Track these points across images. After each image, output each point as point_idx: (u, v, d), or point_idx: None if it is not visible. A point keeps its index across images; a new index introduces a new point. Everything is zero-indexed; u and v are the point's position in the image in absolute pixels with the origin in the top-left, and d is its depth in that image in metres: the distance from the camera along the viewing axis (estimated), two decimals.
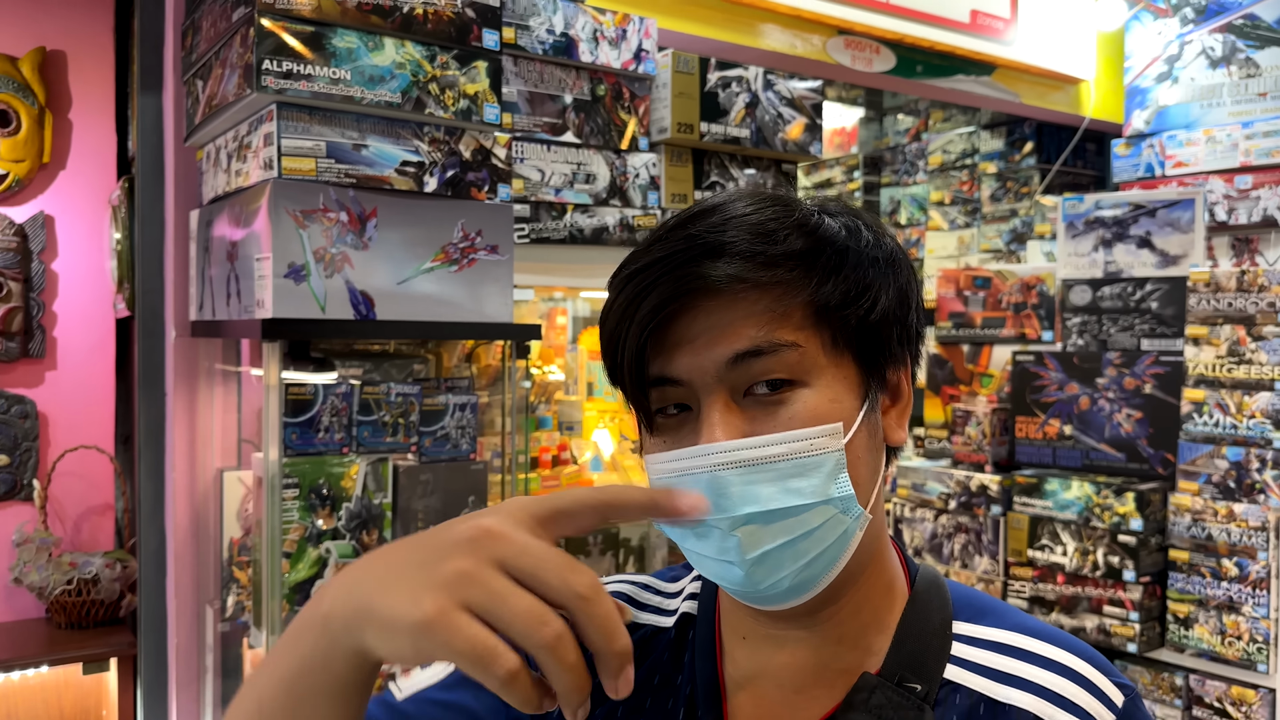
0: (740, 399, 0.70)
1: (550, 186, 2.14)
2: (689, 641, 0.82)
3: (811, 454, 0.69)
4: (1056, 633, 0.77)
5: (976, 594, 0.81)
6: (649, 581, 0.90)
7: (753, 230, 0.71)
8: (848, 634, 0.76)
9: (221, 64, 1.77)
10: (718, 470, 0.68)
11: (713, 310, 0.70)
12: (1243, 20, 3.28)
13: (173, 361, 2.12)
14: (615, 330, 0.72)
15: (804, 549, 0.69)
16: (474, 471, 1.90)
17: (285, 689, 0.58)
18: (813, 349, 0.71)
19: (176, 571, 2.12)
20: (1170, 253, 2.57)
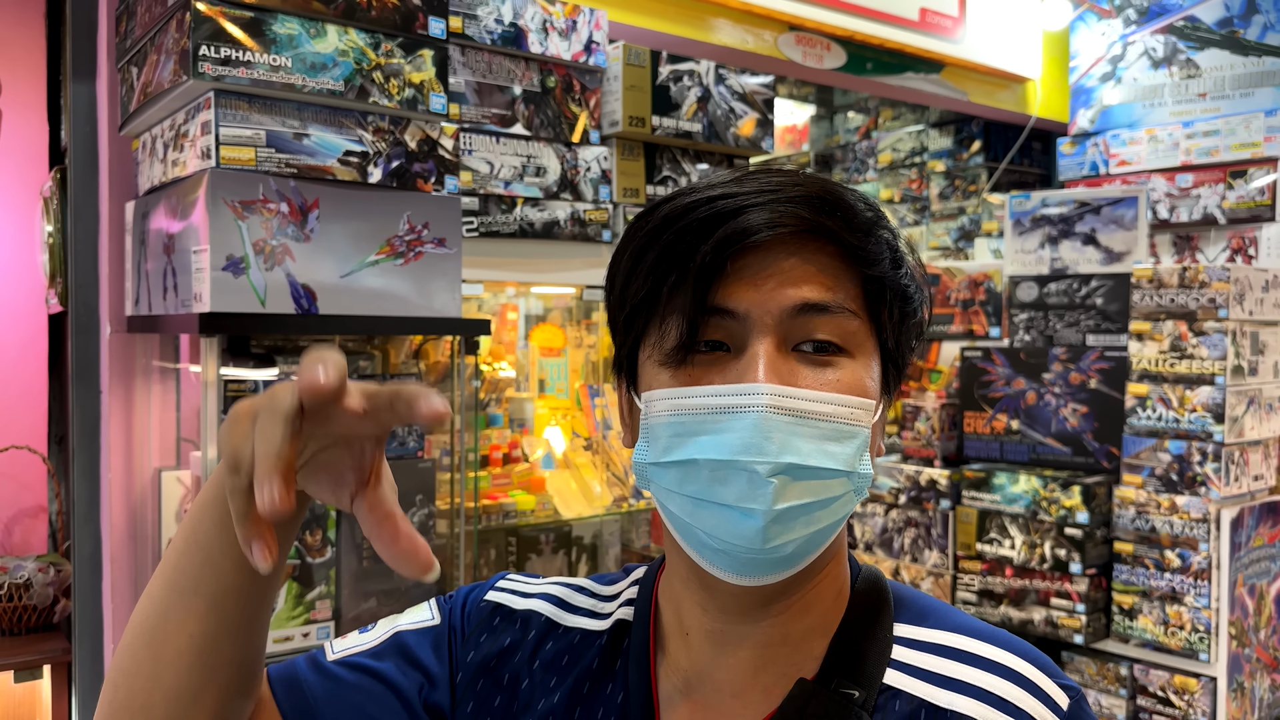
0: (787, 350, 0.70)
1: (499, 179, 2.11)
2: (623, 649, 0.80)
3: (849, 423, 0.69)
4: (998, 633, 0.75)
5: (918, 595, 0.80)
6: (584, 584, 0.87)
7: (833, 191, 0.71)
8: (793, 634, 0.74)
9: (157, 50, 1.71)
10: (768, 412, 0.66)
11: (781, 253, 0.69)
12: (1184, 22, 3.35)
13: (108, 358, 2.06)
14: (672, 252, 0.69)
15: (819, 516, 0.68)
16: (422, 470, 1.86)
17: (190, 524, 0.68)
18: (865, 324, 0.72)
19: (113, 575, 2.05)
20: (1115, 250, 2.61)
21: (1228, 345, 2.30)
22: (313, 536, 1.74)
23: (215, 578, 0.67)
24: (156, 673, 0.69)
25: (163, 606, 0.69)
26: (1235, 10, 3.23)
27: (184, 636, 0.68)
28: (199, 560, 0.67)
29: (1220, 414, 2.29)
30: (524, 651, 0.81)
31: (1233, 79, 3.24)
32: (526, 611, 0.84)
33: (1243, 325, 2.35)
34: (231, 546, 0.65)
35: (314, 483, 0.63)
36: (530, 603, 0.84)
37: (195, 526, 0.68)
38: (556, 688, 0.79)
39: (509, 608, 0.84)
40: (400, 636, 0.81)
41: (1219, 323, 2.31)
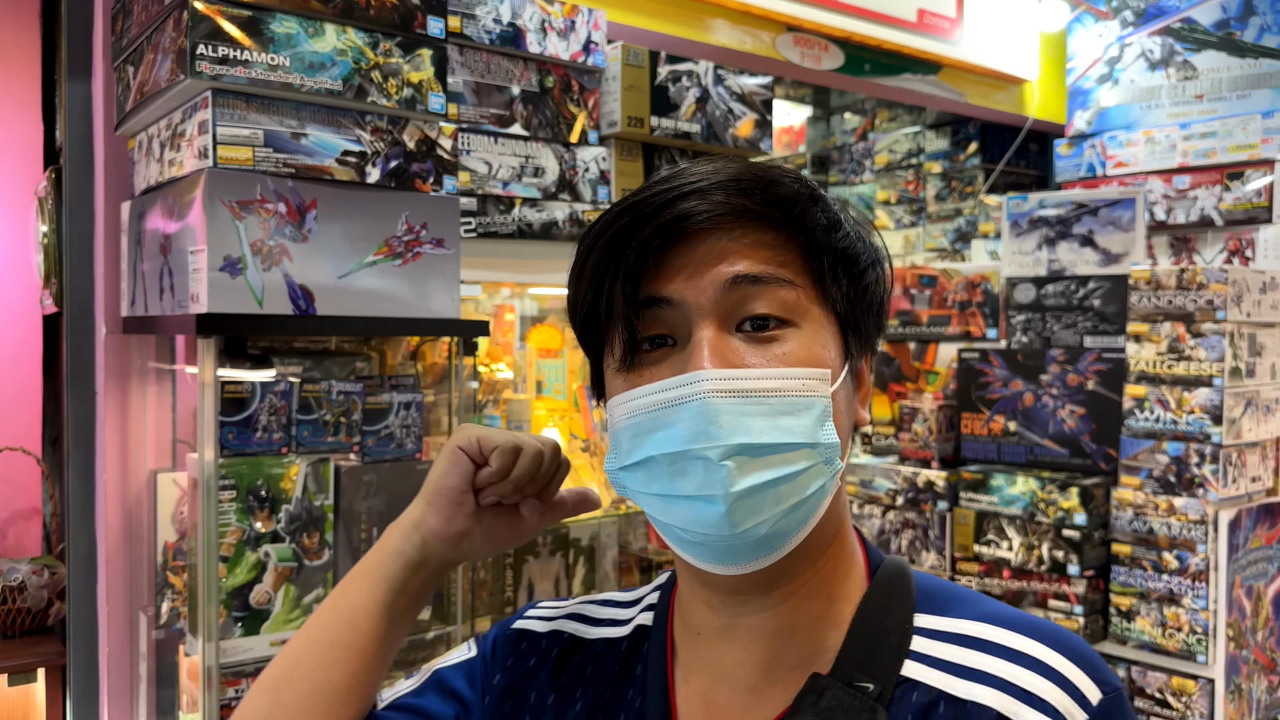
0: (731, 331, 0.70)
1: (498, 179, 2.10)
2: (642, 653, 0.80)
3: (802, 394, 0.68)
4: (1035, 623, 0.72)
5: (947, 585, 0.78)
6: (608, 597, 0.89)
7: (756, 171, 0.72)
8: (800, 624, 0.73)
9: (154, 49, 1.70)
10: (711, 397, 0.66)
11: (715, 239, 0.70)
12: (1180, 24, 3.35)
13: (103, 359, 2.04)
14: (607, 256, 0.71)
15: (786, 493, 0.67)
16: (419, 472, 1.85)
17: (343, 587, 0.84)
18: (807, 294, 0.71)
19: (108, 577, 2.04)
20: (1112, 251, 2.61)
21: (1225, 347, 2.30)
22: (310, 539, 1.73)
23: (353, 634, 0.80)
24: (271, 715, 0.79)
25: (294, 656, 0.81)
26: (1232, 12, 3.24)
27: (307, 683, 0.79)
28: (345, 618, 0.81)
29: (1218, 416, 2.29)
30: (548, 669, 0.83)
31: (1230, 81, 3.25)
32: (551, 632, 0.86)
33: (1240, 327, 2.35)
34: (375, 609, 0.81)
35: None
36: (555, 624, 0.87)
37: (349, 589, 0.82)
38: (581, 697, 0.80)
39: (534, 632, 0.87)
40: (438, 673, 0.87)
41: (1217, 324, 2.31)
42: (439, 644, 1.97)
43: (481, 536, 0.82)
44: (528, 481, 0.81)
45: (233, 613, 1.68)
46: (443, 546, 0.81)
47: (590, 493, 0.89)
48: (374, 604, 0.81)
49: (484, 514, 0.82)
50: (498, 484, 0.80)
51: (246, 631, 1.68)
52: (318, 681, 0.79)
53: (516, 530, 0.85)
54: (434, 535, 0.81)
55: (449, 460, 0.81)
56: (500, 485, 0.80)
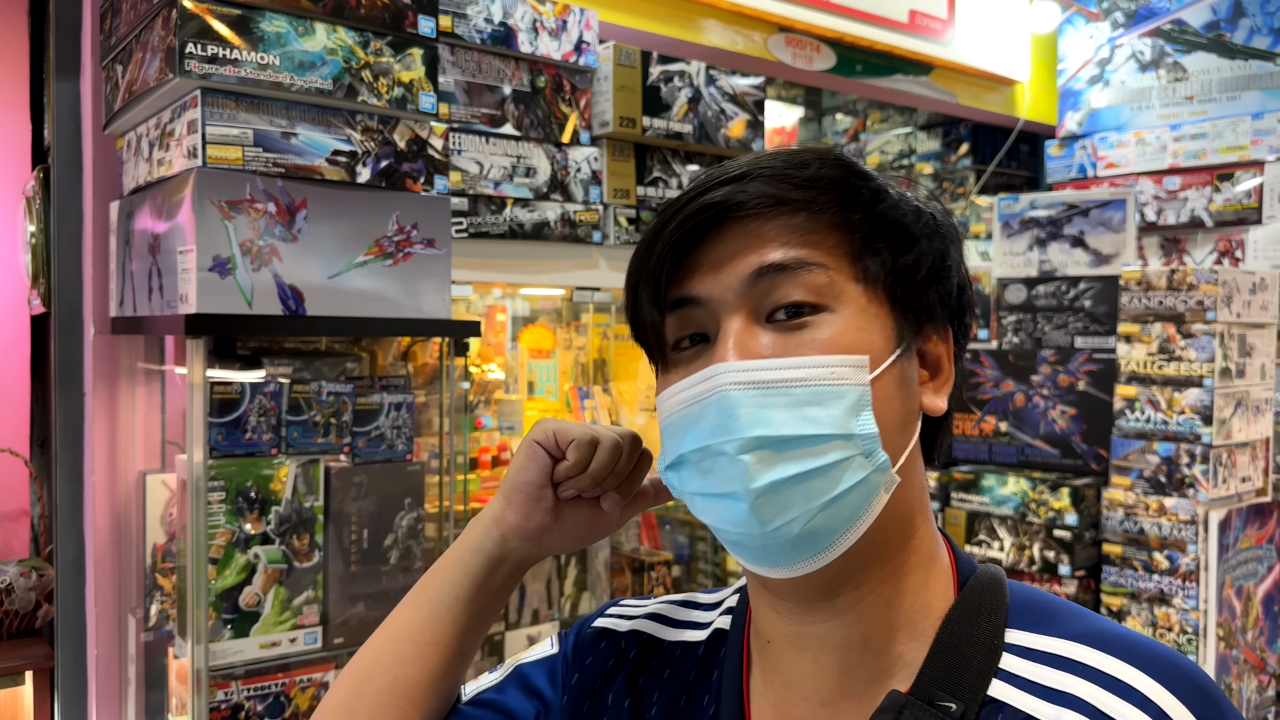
0: (762, 323, 0.68)
1: (489, 179, 2.09)
2: (718, 659, 0.78)
3: (831, 382, 0.65)
4: (1134, 642, 0.66)
5: (1047, 600, 0.72)
6: (689, 598, 0.87)
7: (786, 159, 0.70)
8: (874, 634, 0.69)
9: (142, 48, 1.69)
10: (727, 390, 0.64)
11: (740, 234, 0.68)
12: (1171, 25, 3.36)
13: (91, 360, 2.03)
14: (639, 261, 0.71)
15: (817, 488, 0.64)
16: (410, 473, 1.84)
17: (425, 581, 0.83)
18: (842, 275, 0.68)
19: (96, 579, 2.03)
20: (1103, 252, 2.62)
21: (1216, 347, 2.30)
22: (299, 541, 1.72)
23: (435, 629, 0.80)
24: (354, 709, 0.79)
25: (377, 650, 0.81)
26: (1222, 14, 3.25)
27: (388, 678, 0.79)
28: (426, 612, 0.80)
29: (1208, 416, 2.29)
30: (626, 671, 0.82)
31: (1220, 82, 3.26)
32: (630, 632, 0.85)
33: (1230, 327, 2.36)
34: (457, 604, 0.80)
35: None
36: (635, 624, 0.86)
37: (430, 584, 0.82)
38: (656, 701, 0.79)
39: (614, 631, 0.86)
40: (520, 669, 0.87)
41: (1207, 325, 2.32)
42: None
43: (562, 531, 0.81)
44: (607, 475, 0.79)
45: (222, 615, 1.67)
46: (522, 542, 0.80)
47: None
48: (455, 599, 0.80)
49: (564, 508, 0.81)
50: (576, 478, 0.79)
51: (236, 634, 1.67)
52: (399, 676, 0.79)
53: (599, 524, 0.82)
54: (513, 531, 0.79)
55: (526, 455, 0.79)
56: (579, 479, 0.79)
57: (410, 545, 1.83)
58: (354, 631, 1.78)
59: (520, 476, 0.79)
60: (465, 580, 0.80)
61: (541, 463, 0.79)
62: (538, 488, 0.79)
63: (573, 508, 0.81)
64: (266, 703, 1.71)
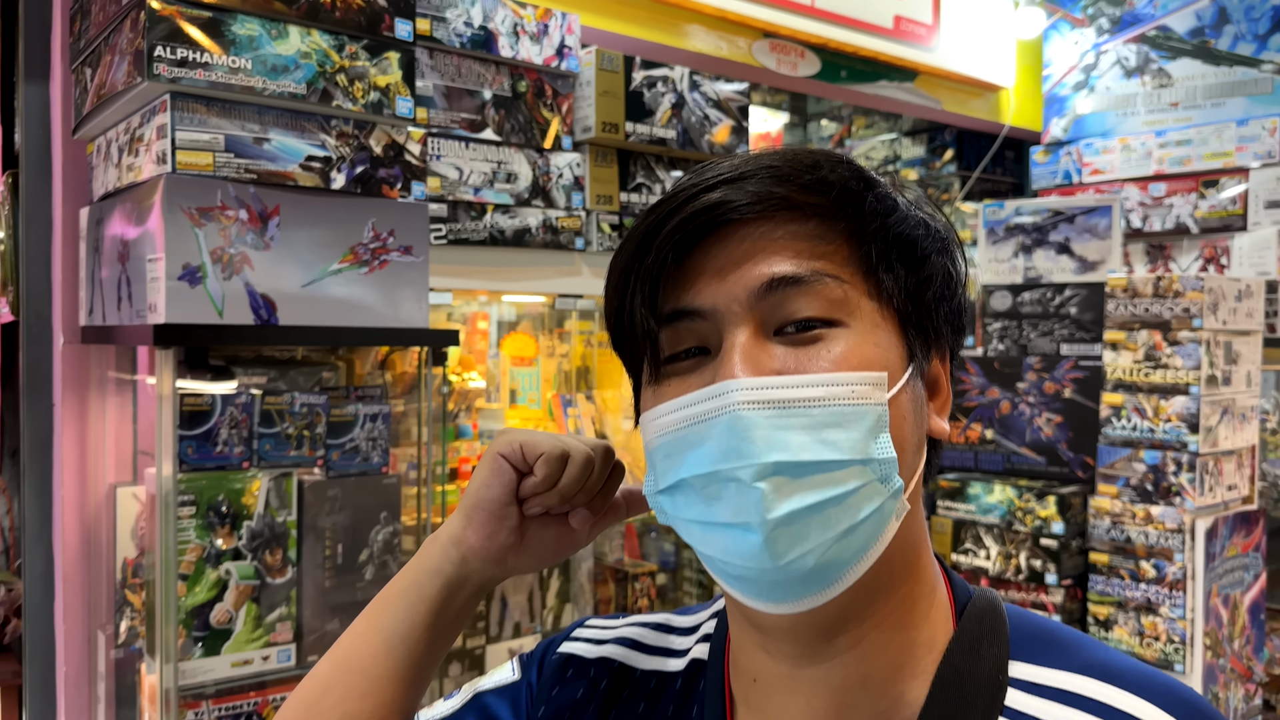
0: (770, 336, 0.62)
1: (469, 185, 2.06)
2: (698, 693, 0.73)
3: (852, 402, 0.60)
4: (1143, 675, 0.63)
5: (1043, 625, 0.69)
6: (664, 620, 0.81)
7: (791, 158, 0.64)
8: (874, 674, 0.64)
9: (111, 50, 1.65)
10: (740, 409, 0.58)
11: (745, 236, 0.62)
12: (1156, 31, 3.36)
13: (61, 370, 1.99)
14: (629, 263, 0.64)
15: (834, 517, 0.59)
16: (386, 485, 1.81)
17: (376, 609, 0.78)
18: (856, 289, 0.63)
19: (65, 594, 1.98)
20: (1088, 259, 2.61)
21: (1202, 355, 2.29)
22: (272, 556, 1.68)
23: (389, 660, 0.75)
24: None
25: (324, 682, 0.76)
26: (1207, 20, 3.25)
27: (337, 714, 0.74)
28: (378, 642, 0.75)
29: (1195, 424, 2.28)
30: (596, 702, 0.76)
31: (1204, 89, 3.26)
32: (599, 659, 0.79)
33: (1216, 335, 2.35)
34: (412, 632, 0.75)
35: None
36: (604, 649, 0.80)
37: (382, 611, 0.76)
38: None
39: (581, 658, 0.80)
40: (481, 699, 0.82)
41: (1193, 332, 2.31)
42: None
43: (527, 550, 0.75)
44: (577, 491, 0.73)
45: (192, 632, 1.62)
46: (484, 564, 0.74)
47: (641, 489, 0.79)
48: (411, 628, 0.75)
49: (530, 526, 0.75)
50: (544, 495, 0.73)
51: (207, 652, 1.63)
52: (349, 713, 0.74)
53: (566, 541, 0.77)
54: (474, 552, 0.74)
55: (490, 469, 0.73)
56: (547, 496, 0.73)
57: (386, 560, 1.80)
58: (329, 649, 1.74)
59: (483, 494, 0.73)
60: (422, 606, 0.75)
61: (506, 478, 0.73)
62: (502, 505, 0.73)
63: (539, 525, 0.76)
64: None
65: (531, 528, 0.75)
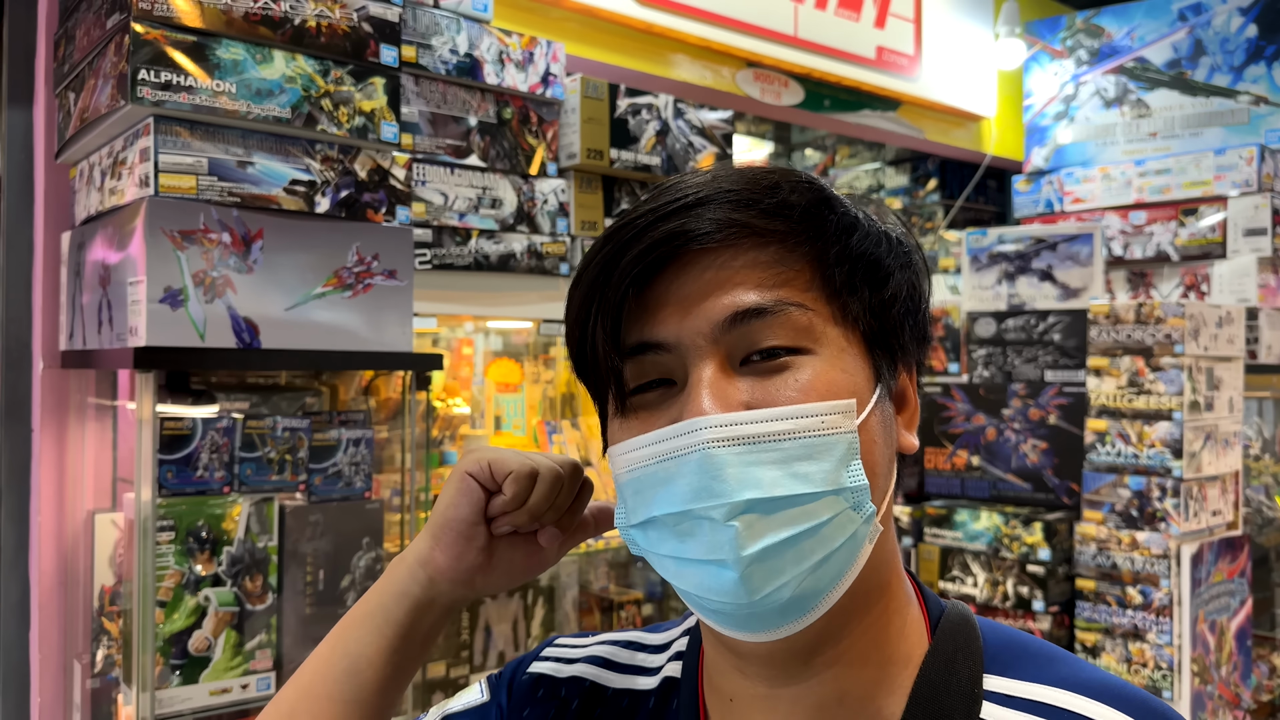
0: (736, 367, 0.62)
1: (454, 211, 2.06)
2: (671, 711, 0.72)
3: (822, 433, 0.59)
4: (1112, 685, 0.64)
5: (1016, 637, 0.69)
6: (634, 638, 0.80)
7: (750, 180, 0.64)
8: (852, 691, 0.65)
9: (95, 74, 1.65)
10: (710, 447, 0.58)
11: (707, 266, 0.61)
12: (1134, 63, 3.41)
13: (40, 395, 1.97)
14: (589, 294, 0.63)
15: (808, 549, 0.59)
16: (369, 511, 1.79)
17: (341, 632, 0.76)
18: (820, 315, 0.62)
19: (41, 623, 1.95)
20: (1071, 286, 2.63)
21: (1184, 380, 2.30)
22: (252, 583, 1.66)
23: (355, 686, 0.73)
24: None
25: (289, 709, 0.74)
26: (1183, 52, 3.30)
27: None
28: (344, 666, 0.73)
29: (1178, 449, 2.29)
30: None
31: (1182, 119, 3.30)
32: (570, 679, 0.78)
33: (1198, 361, 2.36)
34: (379, 656, 0.73)
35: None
36: (575, 669, 0.79)
37: (348, 634, 0.74)
38: None
39: (552, 678, 0.79)
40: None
41: (1175, 358, 2.32)
42: None
43: (496, 570, 0.74)
44: (546, 509, 0.72)
45: (170, 660, 1.60)
46: (453, 585, 0.73)
47: (611, 506, 0.78)
48: (377, 651, 0.73)
49: (498, 545, 0.74)
50: (512, 513, 0.72)
51: (185, 680, 1.60)
52: None
53: (535, 560, 0.76)
54: (443, 573, 0.72)
55: (457, 488, 0.72)
56: (515, 515, 0.72)
57: (368, 586, 1.77)
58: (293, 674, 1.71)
59: (451, 513, 0.72)
60: (389, 629, 0.73)
61: (475, 497, 0.72)
62: (470, 525, 0.72)
63: (508, 545, 0.75)
64: None
65: (500, 547, 0.74)
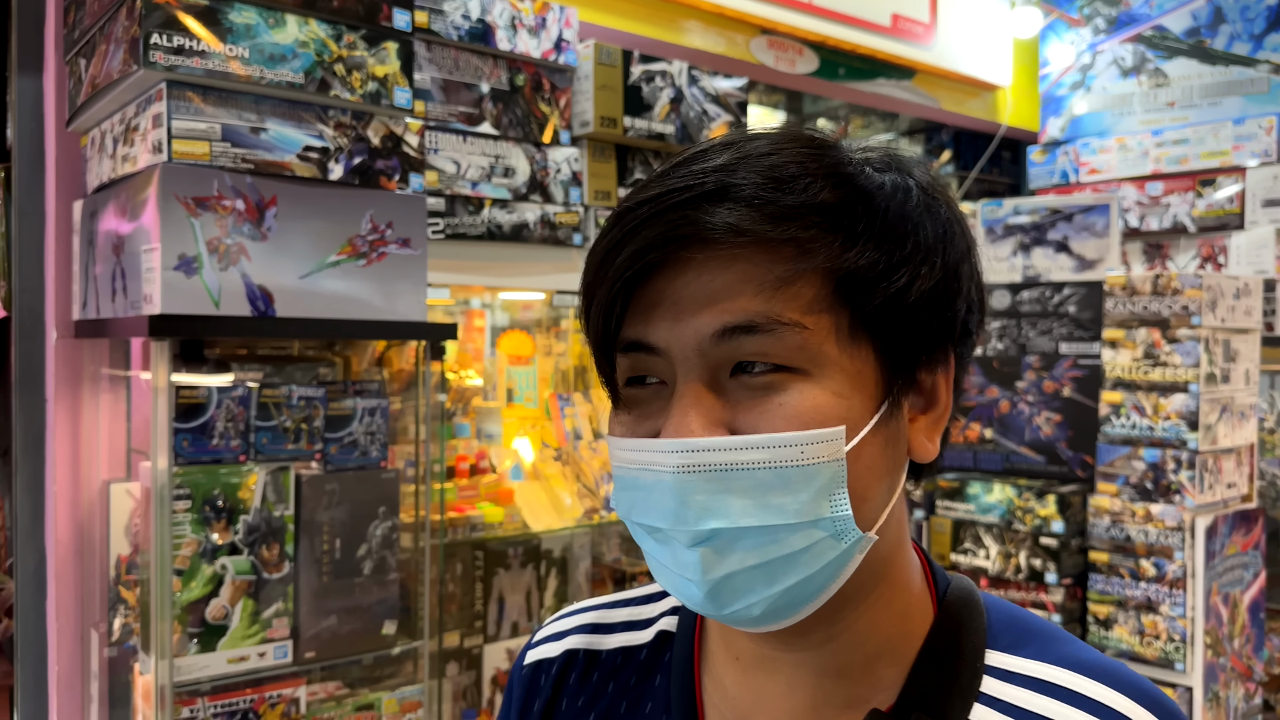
0: (725, 379, 0.59)
1: (466, 179, 2.04)
2: (663, 664, 0.73)
3: (801, 463, 0.57)
4: (1112, 668, 0.65)
5: (1020, 615, 0.70)
6: (623, 596, 0.80)
7: (767, 173, 0.59)
8: (851, 664, 0.65)
9: (106, 39, 1.63)
10: (681, 473, 0.57)
11: (705, 268, 0.58)
12: (1152, 31, 3.36)
13: (54, 365, 1.96)
14: (592, 281, 0.62)
15: (779, 573, 0.58)
16: (385, 480, 1.79)
17: None
18: (821, 333, 0.58)
19: (58, 593, 1.96)
20: (1087, 257, 2.60)
21: (1201, 352, 2.28)
22: (269, 551, 1.66)
23: None
24: None
25: None
26: (1202, 20, 3.25)
27: None
28: None
29: (1194, 421, 2.27)
30: (568, 697, 0.76)
31: (1201, 88, 3.26)
32: (564, 654, 0.78)
33: (1215, 332, 2.34)
34: None
35: None
36: (566, 643, 0.79)
37: None
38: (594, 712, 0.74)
39: (548, 660, 0.79)
40: None
41: (1192, 330, 2.30)
42: (405, 660, 1.90)
43: None
44: None
45: (188, 629, 1.60)
46: None
47: None
48: None
49: None
50: None
51: (202, 648, 1.61)
52: None
53: None
54: None
55: None
56: None
57: (384, 555, 1.78)
58: (326, 645, 1.72)
59: None
60: None
61: None
62: None
63: None
64: (235, 719, 1.64)
65: None
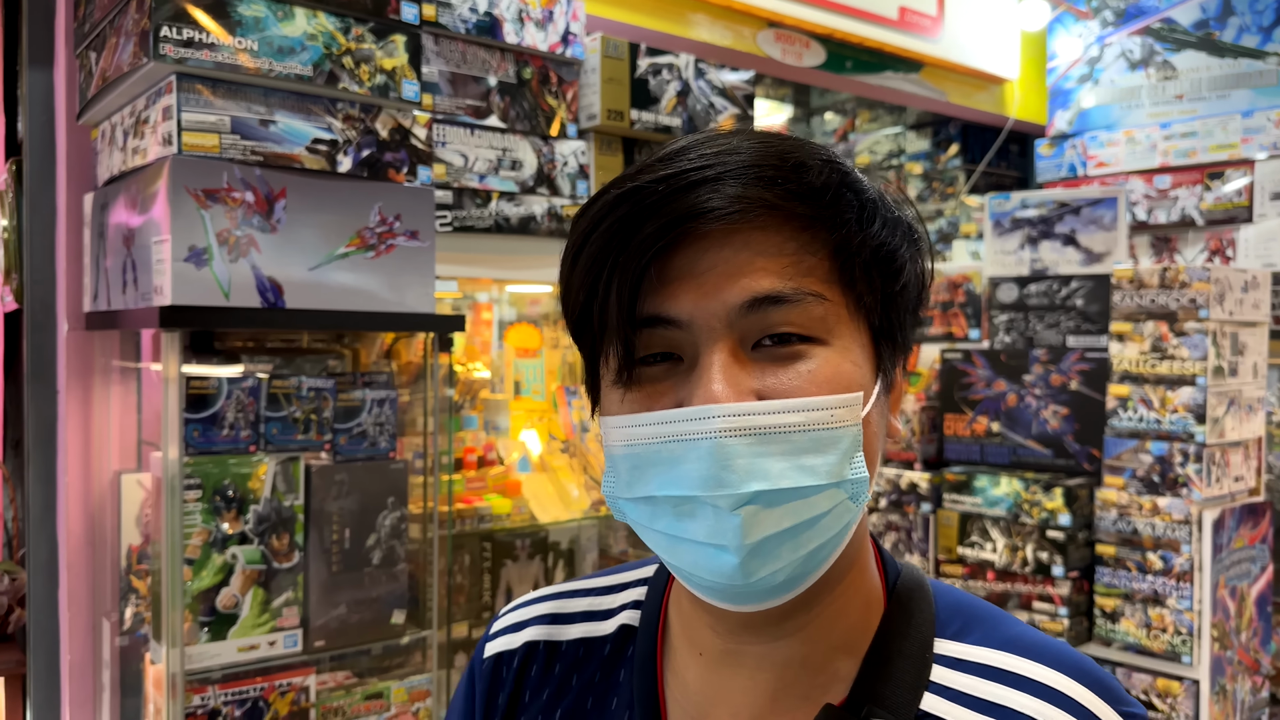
0: (748, 350, 0.61)
1: (474, 172, 2.05)
2: (626, 658, 0.73)
3: (830, 426, 0.59)
4: (1054, 649, 0.67)
5: (966, 601, 0.72)
6: (580, 585, 0.80)
7: (781, 156, 0.62)
8: (814, 655, 0.67)
9: (116, 32, 1.64)
10: (723, 437, 0.58)
11: (728, 242, 0.60)
12: (1160, 24, 3.35)
13: (65, 357, 1.98)
14: (600, 258, 0.61)
15: (807, 538, 0.60)
16: (394, 471, 1.80)
17: None
18: (837, 304, 0.62)
19: (70, 582, 1.97)
20: (1094, 250, 2.60)
21: (1208, 346, 2.28)
22: (279, 541, 1.67)
23: None
24: None
25: None
26: (1211, 12, 3.24)
27: None
28: None
29: (1201, 415, 2.27)
30: (530, 689, 0.77)
31: (1209, 81, 3.25)
32: (524, 647, 0.79)
33: (1223, 326, 2.34)
34: None
35: None
36: (525, 634, 0.79)
37: None
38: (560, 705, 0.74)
39: (508, 651, 0.79)
40: None
41: (1200, 323, 2.30)
42: (414, 649, 1.91)
43: None
44: None
45: (199, 617, 1.62)
46: None
47: None
48: None
49: None
50: None
51: (213, 637, 1.62)
52: None
53: None
54: None
55: None
56: None
57: (394, 545, 1.79)
58: (335, 634, 1.73)
59: None
60: None
61: None
62: None
63: None
64: (245, 708, 1.66)
65: None
